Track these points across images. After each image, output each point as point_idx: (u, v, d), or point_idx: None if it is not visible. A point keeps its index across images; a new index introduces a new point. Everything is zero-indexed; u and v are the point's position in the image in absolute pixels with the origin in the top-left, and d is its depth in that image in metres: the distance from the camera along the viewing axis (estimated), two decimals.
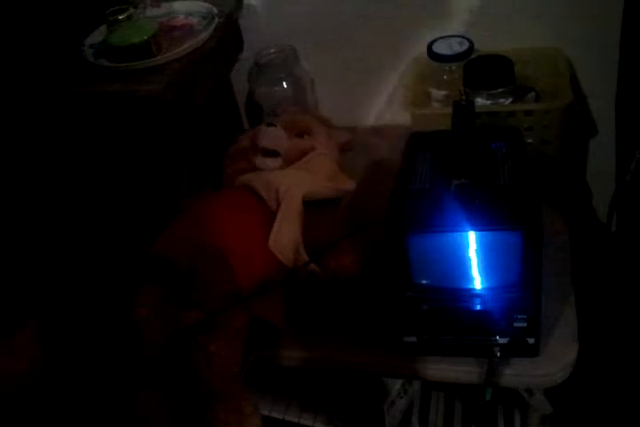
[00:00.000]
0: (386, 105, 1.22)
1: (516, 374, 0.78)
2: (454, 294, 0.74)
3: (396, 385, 1.06)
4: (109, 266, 0.99)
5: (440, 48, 1.05)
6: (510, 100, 1.01)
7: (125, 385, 0.83)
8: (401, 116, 1.19)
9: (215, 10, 1.06)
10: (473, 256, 0.71)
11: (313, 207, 0.90)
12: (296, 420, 1.11)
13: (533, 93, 1.05)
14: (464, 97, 0.82)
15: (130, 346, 0.82)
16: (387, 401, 1.04)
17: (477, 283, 0.73)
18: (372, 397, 1.05)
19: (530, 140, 0.98)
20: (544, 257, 0.70)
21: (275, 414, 1.11)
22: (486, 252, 0.71)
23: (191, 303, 0.81)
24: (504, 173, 0.76)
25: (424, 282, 0.74)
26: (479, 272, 0.72)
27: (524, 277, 0.71)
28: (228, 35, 1.10)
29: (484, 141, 0.82)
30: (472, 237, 0.70)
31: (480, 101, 1.00)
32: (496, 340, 0.76)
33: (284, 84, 1.16)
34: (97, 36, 1.05)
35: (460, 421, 1.08)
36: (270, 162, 0.95)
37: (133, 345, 0.82)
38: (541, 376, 0.78)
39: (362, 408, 1.06)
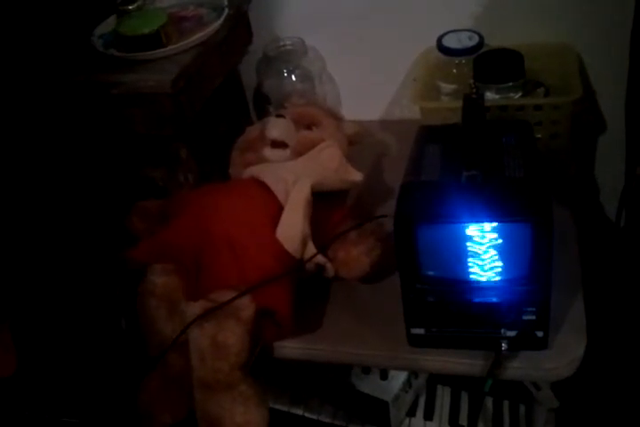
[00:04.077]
0: (394, 98, 1.22)
1: (523, 367, 0.78)
2: (463, 286, 0.74)
3: (400, 379, 1.06)
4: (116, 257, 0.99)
5: (450, 42, 1.05)
6: (520, 94, 1.01)
7: (132, 373, 0.83)
8: (409, 110, 1.20)
9: (225, 1, 1.06)
10: (483, 248, 0.71)
11: (321, 199, 0.89)
12: (300, 413, 1.11)
13: (543, 88, 1.05)
14: (474, 90, 0.82)
15: (137, 335, 0.83)
16: (391, 395, 1.04)
17: (487, 275, 0.73)
18: (376, 391, 1.05)
19: (539, 135, 0.97)
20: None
21: (279, 407, 1.11)
22: (495, 244, 0.70)
23: (198, 293, 0.81)
24: (515, 165, 0.75)
25: (433, 274, 0.74)
26: (489, 264, 0.72)
27: (534, 270, 0.70)
28: (238, 26, 1.10)
29: (494, 134, 0.82)
30: (481, 228, 0.70)
31: (489, 95, 1.00)
32: (504, 333, 0.75)
33: (293, 76, 1.15)
34: (106, 26, 1.04)
35: (466, 415, 1.08)
36: (279, 153, 0.95)
37: (141, 334, 0.83)
38: (549, 370, 0.77)
39: (366, 402, 1.06)
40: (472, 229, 0.69)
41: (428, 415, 1.11)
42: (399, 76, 1.19)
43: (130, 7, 1.01)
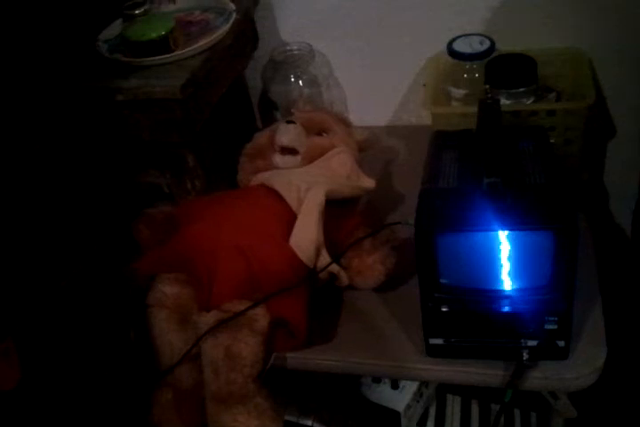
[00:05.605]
0: (402, 104, 1.21)
1: (543, 377, 0.76)
2: (484, 295, 0.73)
3: (412, 389, 1.05)
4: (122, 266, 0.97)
5: (460, 46, 1.04)
6: (532, 100, 1.00)
7: (143, 387, 0.81)
8: (416, 115, 1.19)
9: (233, 6, 1.04)
10: (504, 257, 0.70)
11: (333, 206, 0.88)
12: (310, 423, 1.10)
13: (554, 94, 1.04)
14: (490, 95, 0.80)
15: (147, 347, 0.81)
16: (403, 405, 1.03)
17: (508, 284, 0.71)
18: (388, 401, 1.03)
19: (552, 141, 0.96)
20: None
21: (288, 417, 1.09)
22: (518, 252, 0.69)
23: (211, 303, 0.79)
24: (535, 171, 0.74)
25: (453, 283, 0.72)
26: (510, 273, 0.71)
27: (556, 278, 0.69)
28: (245, 31, 1.09)
29: (510, 140, 0.81)
30: (504, 236, 0.68)
31: (500, 101, 0.98)
32: (525, 342, 0.74)
33: (300, 82, 1.14)
34: (111, 31, 1.03)
35: (477, 424, 1.06)
36: (289, 160, 0.93)
37: (151, 346, 0.81)
38: (569, 380, 0.76)
39: (378, 412, 1.04)
40: (495, 237, 0.68)
41: (439, 425, 1.09)
42: (407, 81, 1.18)
43: (136, 12, 1.00)
